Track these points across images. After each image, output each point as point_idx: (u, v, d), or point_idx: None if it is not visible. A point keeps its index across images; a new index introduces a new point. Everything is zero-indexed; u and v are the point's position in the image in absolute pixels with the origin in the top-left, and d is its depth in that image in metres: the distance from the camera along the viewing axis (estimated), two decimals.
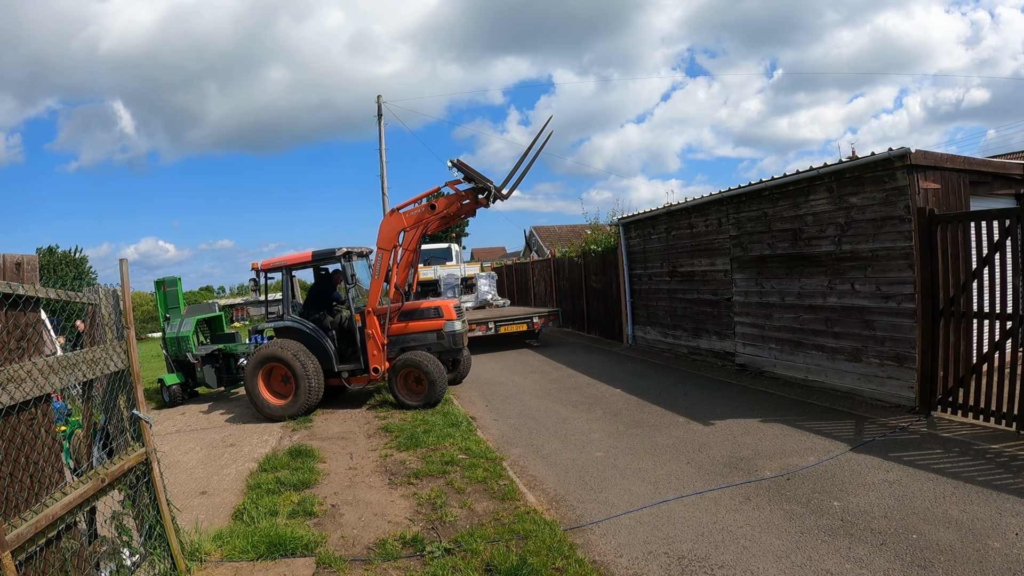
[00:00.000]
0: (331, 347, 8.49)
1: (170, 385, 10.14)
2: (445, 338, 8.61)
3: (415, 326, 8.66)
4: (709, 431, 6.27)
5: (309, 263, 8.86)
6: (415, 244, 8.37)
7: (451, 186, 8.17)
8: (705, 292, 10.20)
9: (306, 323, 8.61)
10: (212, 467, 6.39)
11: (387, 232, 8.26)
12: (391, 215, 8.37)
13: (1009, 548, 3.42)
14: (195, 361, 10.19)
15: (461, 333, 8.78)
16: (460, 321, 8.80)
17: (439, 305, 8.79)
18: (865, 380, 6.96)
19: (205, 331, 11.27)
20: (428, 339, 8.63)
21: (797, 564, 3.51)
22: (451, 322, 8.64)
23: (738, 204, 9.09)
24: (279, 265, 8.91)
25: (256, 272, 9.05)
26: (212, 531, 4.40)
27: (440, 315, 8.67)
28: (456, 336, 8.68)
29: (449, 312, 8.70)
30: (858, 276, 6.96)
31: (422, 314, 8.70)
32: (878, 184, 6.62)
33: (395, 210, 8.37)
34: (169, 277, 11.31)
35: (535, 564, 3.61)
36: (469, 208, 8.24)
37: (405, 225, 8.22)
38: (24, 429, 2.74)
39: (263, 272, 8.98)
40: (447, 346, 8.66)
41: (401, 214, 8.28)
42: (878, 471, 4.75)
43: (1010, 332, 5.30)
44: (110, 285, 3.61)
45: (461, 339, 8.81)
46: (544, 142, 8.43)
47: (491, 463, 5.68)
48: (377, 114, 23.42)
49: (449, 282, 20.26)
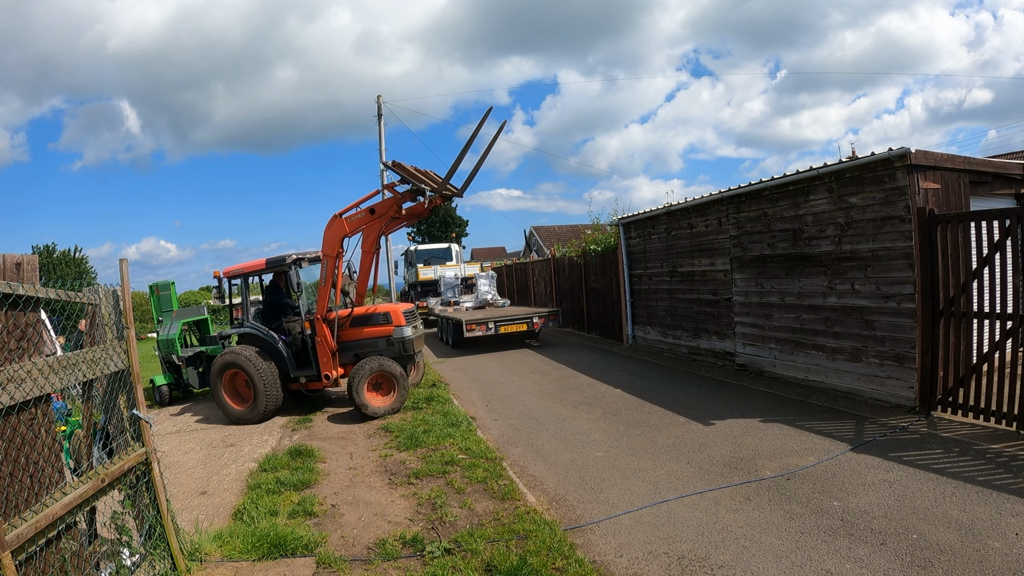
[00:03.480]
0: (287, 353, 8.49)
1: (159, 385, 10.56)
2: (395, 344, 8.45)
3: (366, 332, 8.55)
4: (709, 431, 6.27)
5: (263, 270, 8.94)
6: (372, 247, 8.35)
7: (390, 188, 7.91)
8: (705, 292, 10.20)
9: (263, 329, 8.64)
10: (212, 467, 6.39)
11: (330, 239, 8.07)
12: (333, 221, 8.11)
13: (1009, 548, 3.42)
14: (180, 362, 10.51)
15: (411, 339, 8.56)
16: (410, 327, 8.61)
17: (388, 311, 8.64)
18: (865, 380, 6.96)
19: (196, 333, 11.53)
20: (379, 345, 8.51)
21: (797, 564, 3.51)
22: (400, 328, 8.48)
23: (738, 204, 9.09)
24: (238, 272, 9.05)
25: (219, 280, 9.31)
26: (212, 531, 4.40)
27: (389, 321, 8.52)
28: (406, 342, 8.50)
29: (398, 318, 8.55)
30: (858, 276, 6.96)
31: (372, 320, 8.58)
32: (878, 184, 6.62)
33: (337, 216, 8.10)
34: (162, 282, 11.87)
35: (535, 564, 3.61)
36: (420, 209, 8.08)
37: (347, 231, 8.01)
38: (24, 429, 2.74)
39: (227, 279, 9.21)
40: (396, 352, 8.48)
41: (343, 220, 8.05)
42: (878, 471, 4.75)
43: (1010, 332, 5.30)
44: (110, 285, 3.61)
45: (411, 345, 8.58)
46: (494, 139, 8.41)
47: (491, 463, 5.68)
48: (377, 114, 23.44)
49: (449, 282, 20.29)
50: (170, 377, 10.72)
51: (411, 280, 23.82)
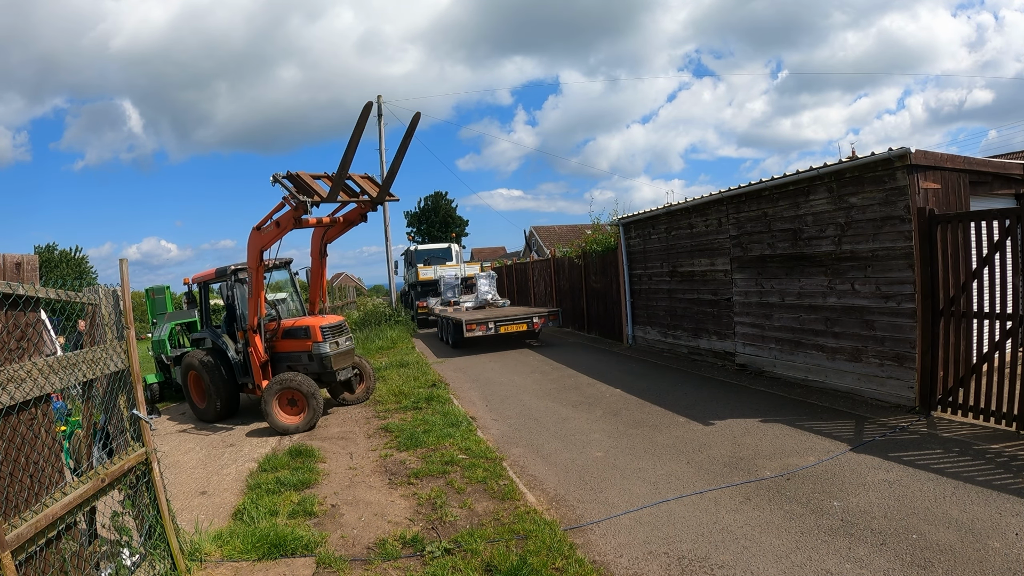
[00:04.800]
0: (234, 360, 8.54)
1: (150, 384, 10.92)
2: (314, 360, 8.09)
3: (293, 345, 8.30)
4: (709, 431, 6.27)
5: (214, 279, 9.13)
6: (317, 253, 8.27)
7: (287, 201, 7.43)
8: (705, 292, 10.20)
9: (216, 336, 8.78)
10: (212, 467, 6.39)
11: (250, 251, 7.94)
12: (251, 233, 7.95)
13: (1009, 548, 3.42)
14: (169, 362, 10.93)
15: (329, 355, 8.02)
16: (330, 343, 8.09)
17: (308, 325, 8.22)
18: (865, 380, 6.96)
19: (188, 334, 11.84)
20: (303, 360, 8.19)
21: (797, 564, 3.51)
22: (318, 344, 8.03)
23: (738, 204, 9.09)
24: (200, 280, 9.39)
25: (188, 286, 9.70)
26: (212, 531, 4.40)
27: (309, 336, 8.14)
28: (324, 359, 8.01)
29: (316, 333, 8.08)
30: (858, 276, 6.96)
31: (296, 333, 8.29)
32: (878, 184, 6.62)
33: (255, 228, 7.93)
34: (157, 286, 12.87)
35: (535, 564, 3.61)
36: (354, 216, 7.86)
37: (264, 244, 7.75)
38: (24, 429, 2.74)
39: (196, 285, 9.52)
40: (315, 369, 8.10)
41: (260, 233, 7.83)
42: (878, 471, 4.75)
43: (1010, 332, 5.30)
44: (110, 285, 3.61)
45: (330, 362, 8.03)
46: (407, 142, 7.51)
47: (491, 463, 5.68)
48: (377, 114, 23.42)
49: (449, 282, 20.29)
50: (161, 376, 11.23)
51: (411, 280, 23.82)
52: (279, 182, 7.24)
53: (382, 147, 23.41)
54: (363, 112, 6.55)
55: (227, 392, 8.47)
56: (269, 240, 7.70)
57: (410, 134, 7.34)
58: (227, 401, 8.49)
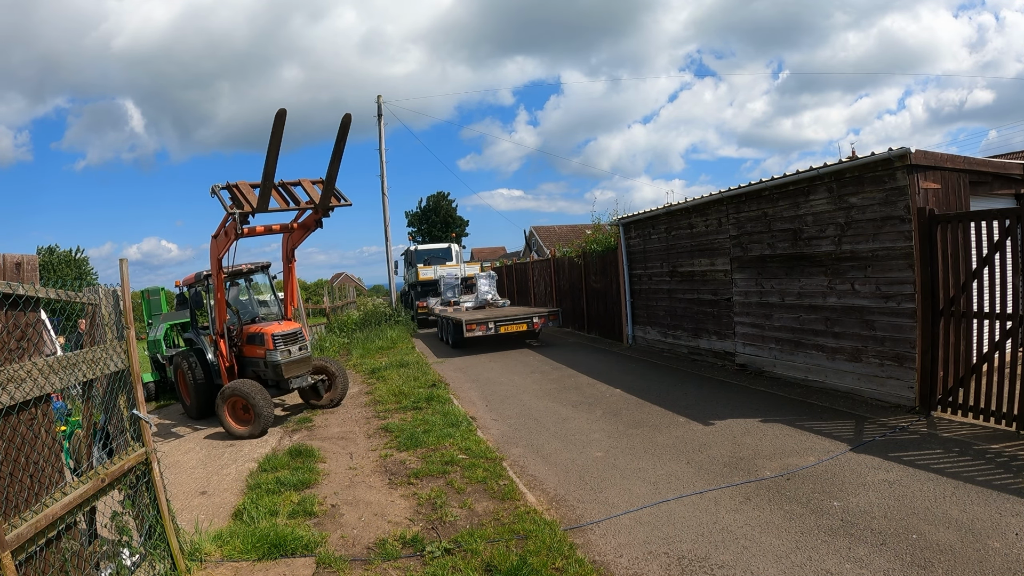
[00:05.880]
0: (211, 362, 8.66)
1: (146, 383, 11.12)
2: (268, 367, 8.02)
3: (254, 351, 8.27)
4: (709, 431, 6.27)
5: (193, 284, 9.35)
6: (285, 258, 8.32)
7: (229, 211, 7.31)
8: (705, 292, 10.20)
9: (199, 338, 9.00)
10: (212, 467, 6.39)
11: (211, 257, 8.10)
12: (211, 241, 8.10)
13: (1009, 548, 3.42)
14: (164, 362, 11.22)
15: (280, 364, 7.90)
16: (281, 351, 7.95)
17: (262, 332, 8.11)
18: (865, 380, 6.96)
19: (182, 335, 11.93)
20: (260, 367, 8.16)
21: (797, 564, 3.51)
22: (271, 352, 7.93)
23: (738, 204, 9.09)
24: (187, 283, 9.64)
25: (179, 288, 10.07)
26: (212, 531, 4.40)
27: (263, 343, 8.06)
28: (277, 367, 7.90)
29: (268, 341, 7.97)
30: (858, 276, 6.96)
31: (255, 340, 8.23)
32: (878, 184, 6.62)
33: (212, 236, 8.05)
34: (152, 287, 13.47)
35: (535, 564, 3.61)
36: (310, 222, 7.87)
37: (219, 251, 7.82)
38: (24, 429, 2.74)
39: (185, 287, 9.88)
40: (271, 376, 8.03)
41: (216, 241, 7.95)
42: (878, 471, 4.75)
43: (1010, 332, 5.30)
44: (110, 285, 3.61)
45: (281, 370, 7.91)
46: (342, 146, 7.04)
47: (491, 463, 5.68)
48: (377, 114, 23.42)
49: (449, 282, 20.28)
50: (156, 375, 11.48)
51: (411, 280, 23.82)
52: (216, 194, 7.22)
53: (382, 147, 23.41)
54: (276, 119, 6.04)
55: (205, 391, 8.65)
56: (223, 248, 7.83)
57: (342, 138, 6.83)
58: (204, 400, 8.66)
